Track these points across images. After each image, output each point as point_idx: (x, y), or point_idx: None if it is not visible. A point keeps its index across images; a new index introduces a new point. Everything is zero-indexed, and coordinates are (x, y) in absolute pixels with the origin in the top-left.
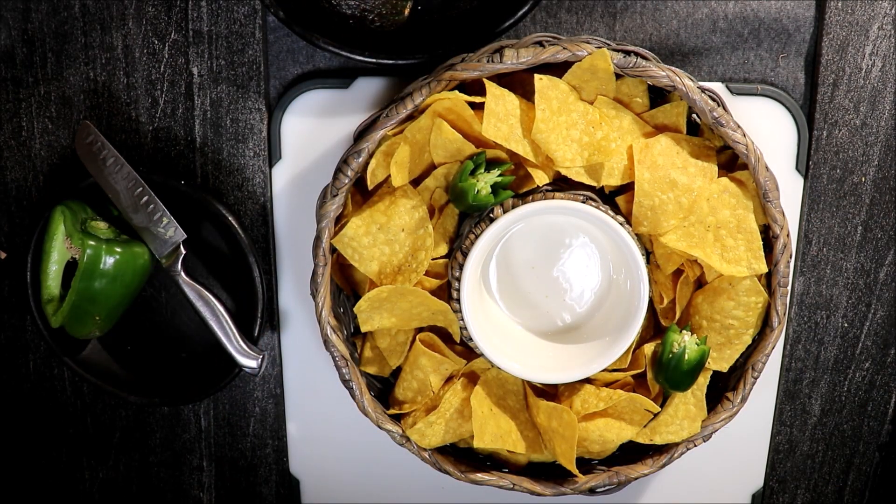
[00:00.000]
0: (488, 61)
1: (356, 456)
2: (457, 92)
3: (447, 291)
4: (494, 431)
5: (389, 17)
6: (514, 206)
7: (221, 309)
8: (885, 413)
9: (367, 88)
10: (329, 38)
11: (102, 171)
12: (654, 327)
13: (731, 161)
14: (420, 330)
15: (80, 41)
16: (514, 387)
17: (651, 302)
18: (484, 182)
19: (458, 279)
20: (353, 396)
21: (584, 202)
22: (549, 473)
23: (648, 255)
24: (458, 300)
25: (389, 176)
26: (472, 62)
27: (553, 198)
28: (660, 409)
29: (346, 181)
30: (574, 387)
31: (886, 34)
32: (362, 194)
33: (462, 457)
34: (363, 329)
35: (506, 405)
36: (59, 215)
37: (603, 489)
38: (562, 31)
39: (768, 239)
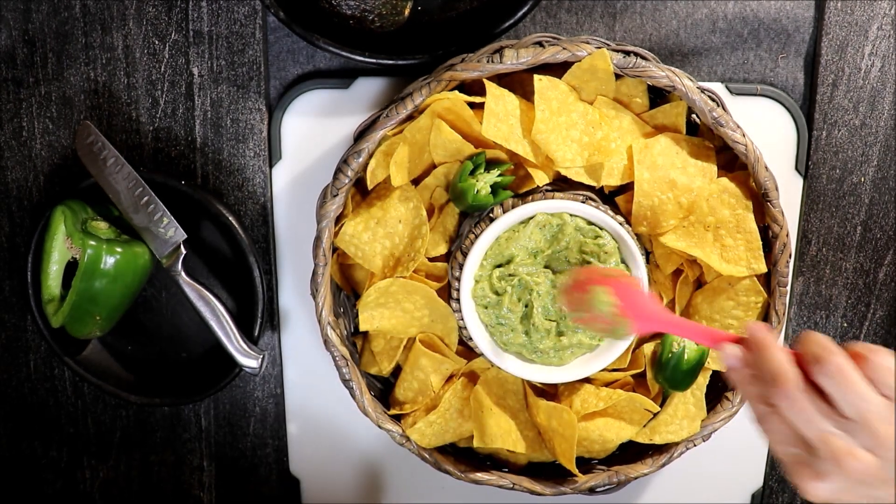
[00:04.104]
0: (488, 61)
1: (356, 456)
2: (456, 92)
3: (447, 291)
4: (494, 431)
5: (389, 17)
6: (514, 206)
7: (222, 309)
8: None
9: (367, 89)
10: (329, 38)
11: (103, 172)
12: None
13: (731, 161)
14: None
15: (81, 41)
16: (514, 387)
17: None
18: (483, 182)
19: (458, 279)
20: (353, 396)
21: (583, 202)
22: (549, 473)
23: (648, 255)
24: (458, 300)
25: (388, 175)
26: (472, 62)
27: (553, 198)
28: (659, 409)
29: (347, 181)
30: (574, 387)
31: (886, 34)
32: (362, 194)
33: (462, 457)
34: (362, 328)
35: (506, 405)
36: (60, 215)
37: (603, 489)
38: (561, 31)
39: (768, 239)
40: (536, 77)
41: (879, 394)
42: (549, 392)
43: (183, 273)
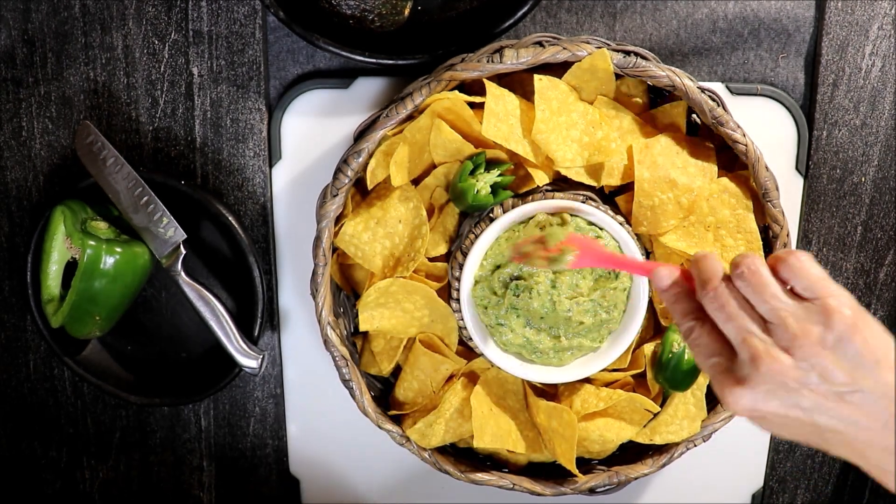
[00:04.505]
0: (488, 61)
1: (356, 456)
2: (456, 92)
3: (447, 291)
4: (494, 431)
5: (389, 17)
6: (514, 206)
7: (221, 309)
8: None
9: (367, 88)
10: (329, 38)
11: (102, 171)
12: (654, 327)
13: (731, 161)
14: None
15: (81, 41)
16: (514, 387)
17: (651, 302)
18: (483, 182)
19: (458, 279)
20: (353, 396)
21: (584, 202)
22: (549, 473)
23: (648, 255)
24: (458, 300)
25: (388, 175)
26: (472, 62)
27: (553, 198)
28: (660, 409)
29: (346, 181)
30: (574, 387)
31: (886, 34)
32: (362, 194)
33: (462, 457)
34: (362, 328)
35: (506, 405)
36: (60, 215)
37: (603, 489)
38: (562, 31)
39: (768, 239)
40: (536, 77)
41: (796, 295)
42: (549, 392)
43: (183, 273)
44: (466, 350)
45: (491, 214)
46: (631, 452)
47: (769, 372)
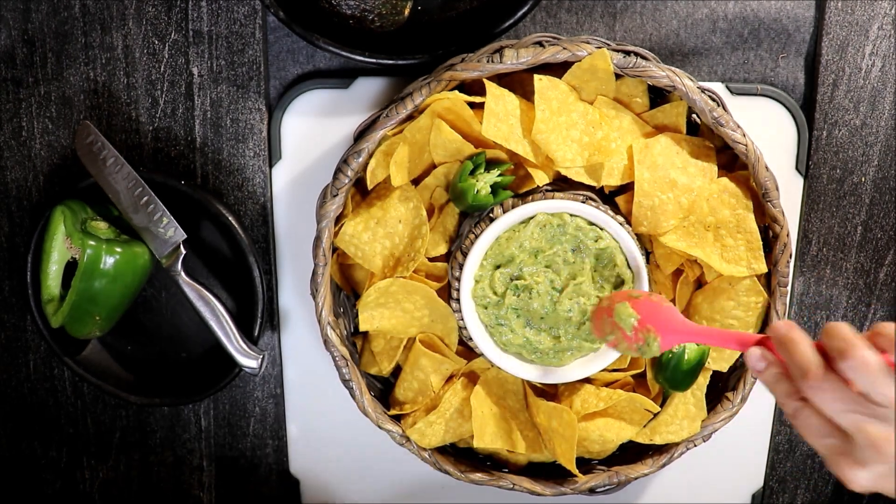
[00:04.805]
0: (488, 61)
1: (356, 456)
2: (456, 92)
3: (447, 291)
4: (494, 431)
5: (389, 17)
6: (514, 206)
7: (221, 309)
8: None
9: (367, 88)
10: (329, 38)
11: (102, 171)
12: None
13: (731, 161)
14: None
15: (81, 41)
16: (514, 387)
17: None
18: (483, 182)
19: (458, 279)
20: (353, 396)
21: (584, 202)
22: (549, 473)
23: (648, 255)
24: (459, 300)
25: (388, 175)
26: (472, 62)
27: (553, 198)
28: (660, 409)
29: (346, 181)
30: (574, 387)
31: (886, 34)
32: (362, 194)
33: (462, 457)
34: (362, 328)
35: (506, 405)
36: (60, 215)
37: (603, 489)
38: (562, 31)
39: (768, 239)
40: (536, 77)
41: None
42: (549, 392)
43: (183, 273)
44: (466, 350)
45: (491, 214)
46: (631, 452)
47: (890, 456)
